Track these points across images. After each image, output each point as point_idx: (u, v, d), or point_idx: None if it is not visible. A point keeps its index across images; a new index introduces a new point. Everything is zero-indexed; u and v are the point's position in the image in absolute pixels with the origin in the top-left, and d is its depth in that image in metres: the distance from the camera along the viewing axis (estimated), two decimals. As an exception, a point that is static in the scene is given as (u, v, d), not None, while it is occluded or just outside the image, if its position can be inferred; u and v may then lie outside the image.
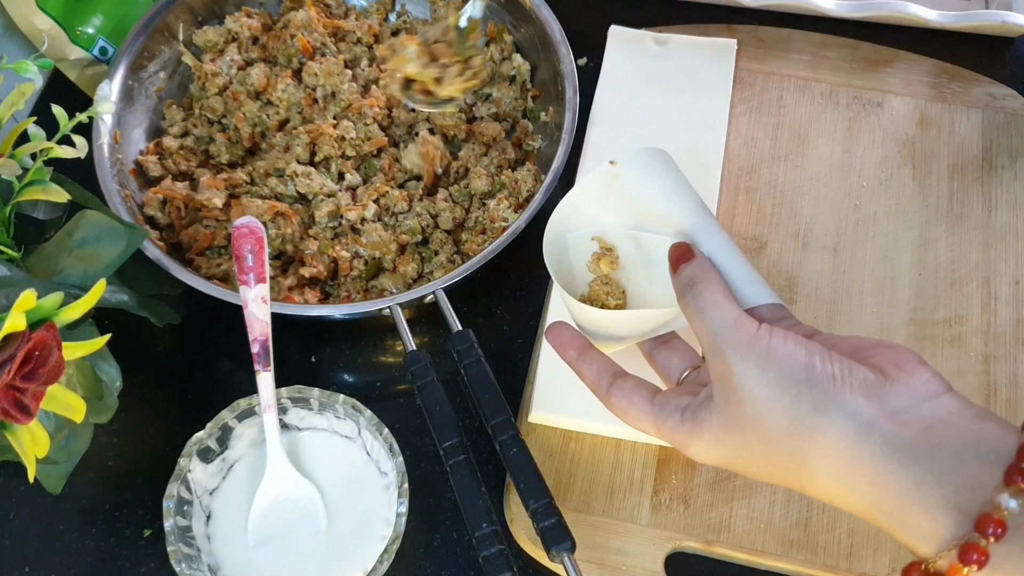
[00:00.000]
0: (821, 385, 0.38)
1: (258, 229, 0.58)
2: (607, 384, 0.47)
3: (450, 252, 0.67)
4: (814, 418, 0.38)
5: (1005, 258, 0.68)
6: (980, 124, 0.74)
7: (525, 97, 0.75)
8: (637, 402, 0.45)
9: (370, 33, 0.77)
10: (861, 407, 0.38)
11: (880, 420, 0.37)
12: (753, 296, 0.45)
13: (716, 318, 0.42)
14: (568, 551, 0.49)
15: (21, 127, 0.56)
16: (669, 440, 0.45)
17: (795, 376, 0.39)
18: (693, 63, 0.75)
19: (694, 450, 0.43)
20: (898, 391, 0.38)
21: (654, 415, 0.45)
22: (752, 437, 0.40)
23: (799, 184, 0.72)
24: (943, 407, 0.38)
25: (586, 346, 0.49)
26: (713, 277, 0.44)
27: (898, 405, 0.38)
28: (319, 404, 0.59)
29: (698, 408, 0.43)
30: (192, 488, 0.57)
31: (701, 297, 0.43)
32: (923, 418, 0.37)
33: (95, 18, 0.75)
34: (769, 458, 0.41)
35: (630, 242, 0.51)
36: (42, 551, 0.60)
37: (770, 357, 0.39)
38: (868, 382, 0.38)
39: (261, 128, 0.73)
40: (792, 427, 0.39)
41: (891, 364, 0.39)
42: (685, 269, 0.45)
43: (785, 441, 0.39)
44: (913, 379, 0.38)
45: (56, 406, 0.50)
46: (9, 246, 0.57)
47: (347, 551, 0.56)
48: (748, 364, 0.40)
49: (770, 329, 0.41)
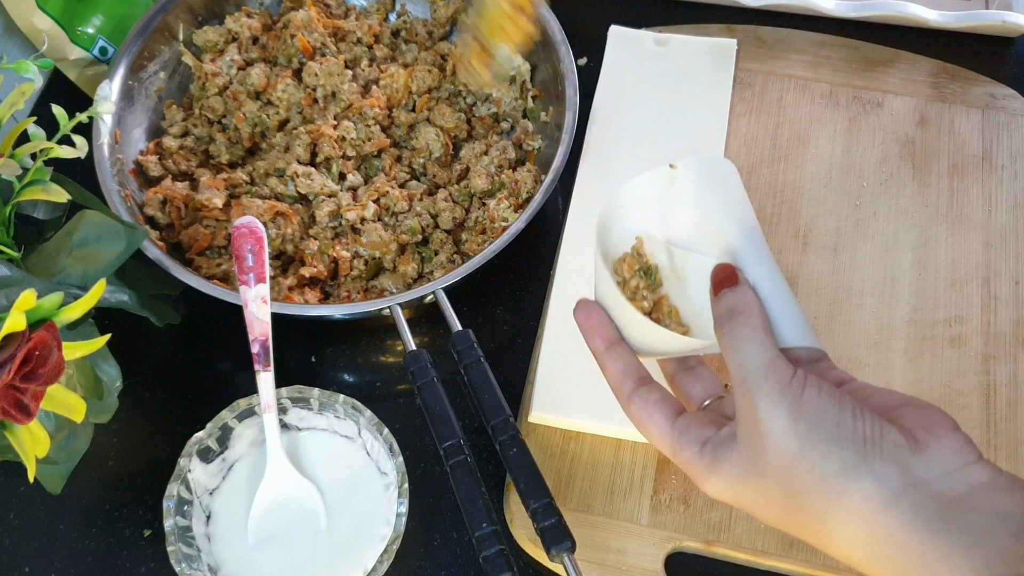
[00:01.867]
0: (851, 446, 0.37)
1: (258, 229, 0.58)
2: (630, 388, 0.45)
3: (450, 252, 0.67)
4: (842, 480, 0.37)
5: (1005, 258, 0.68)
6: (980, 124, 0.74)
7: (525, 97, 0.75)
8: (658, 419, 0.43)
9: (370, 33, 0.77)
10: (890, 474, 0.36)
11: (908, 489, 0.36)
12: (792, 336, 0.43)
13: (752, 355, 0.40)
14: (568, 551, 0.49)
15: (21, 127, 0.56)
16: (684, 469, 0.43)
17: (825, 432, 0.37)
18: (693, 63, 0.75)
19: (708, 486, 0.42)
20: (928, 458, 0.37)
21: (672, 439, 0.43)
22: (774, 487, 0.39)
23: (799, 184, 0.72)
24: (973, 477, 0.37)
25: (616, 339, 0.46)
26: (755, 310, 0.42)
27: (927, 474, 0.36)
28: (319, 404, 0.59)
29: (720, 444, 0.41)
30: (192, 488, 0.57)
31: (739, 330, 0.41)
32: (952, 488, 0.36)
33: (95, 18, 0.75)
34: (789, 512, 0.39)
35: (665, 253, 0.49)
36: (42, 551, 0.60)
37: (802, 408, 0.38)
38: (899, 446, 0.37)
39: (261, 128, 0.73)
40: (818, 486, 0.37)
41: (921, 427, 0.38)
42: (726, 295, 0.43)
43: (809, 498, 0.38)
44: (943, 446, 0.37)
45: (56, 406, 0.50)
46: (9, 246, 0.57)
47: (347, 551, 0.56)
48: (779, 412, 0.38)
49: (805, 377, 0.39)
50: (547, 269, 0.69)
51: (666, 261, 0.49)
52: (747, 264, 0.45)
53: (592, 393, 0.59)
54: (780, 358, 0.40)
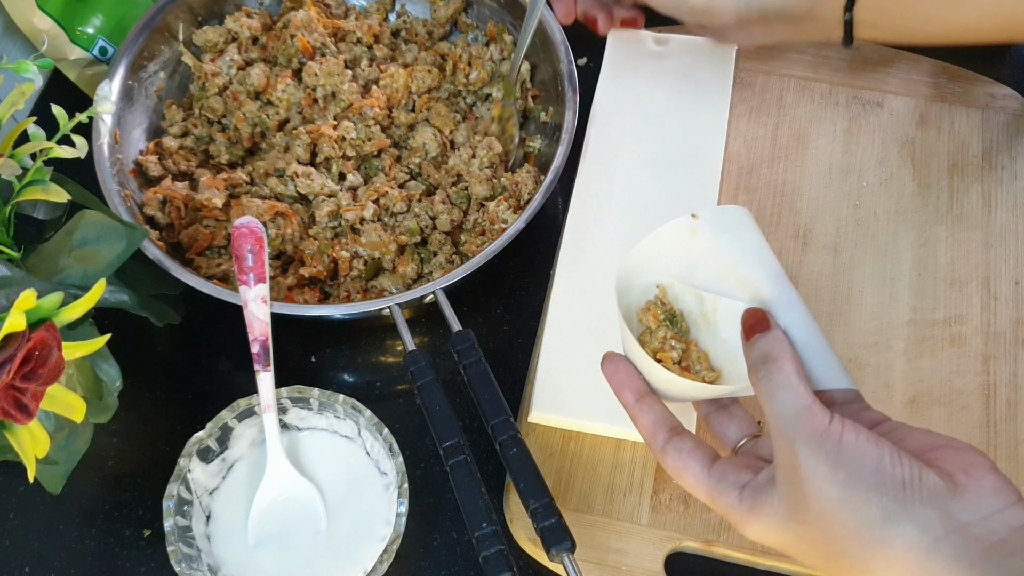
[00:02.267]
0: (891, 493, 0.37)
1: (258, 229, 0.58)
2: (663, 439, 0.45)
3: (449, 253, 0.67)
4: (883, 528, 0.37)
5: (1005, 258, 0.68)
6: (980, 124, 0.74)
7: (525, 97, 0.75)
8: (693, 467, 0.44)
9: (370, 33, 0.77)
10: (931, 519, 0.37)
11: (950, 535, 0.36)
12: (826, 379, 0.44)
13: (788, 403, 0.40)
14: (568, 551, 0.49)
15: (21, 127, 0.56)
16: (723, 515, 0.43)
17: (865, 479, 0.38)
18: (693, 63, 0.75)
19: (749, 531, 0.42)
20: (968, 501, 0.37)
21: (710, 486, 0.43)
22: (815, 533, 0.39)
23: (799, 184, 0.72)
24: (1014, 520, 0.37)
25: (645, 391, 0.47)
26: (788, 356, 0.42)
27: (967, 518, 0.37)
28: (319, 404, 0.59)
29: (759, 490, 0.42)
30: (192, 488, 0.57)
31: (774, 377, 0.41)
32: (994, 531, 0.36)
33: (95, 18, 0.75)
34: (830, 558, 0.40)
35: (694, 299, 0.49)
36: (42, 551, 0.60)
37: (841, 455, 0.38)
38: (938, 490, 0.37)
39: (261, 128, 0.73)
40: (859, 533, 0.38)
41: (960, 470, 0.38)
42: (759, 341, 0.43)
43: (850, 545, 0.38)
44: (982, 488, 0.37)
45: (56, 406, 0.50)
46: (9, 246, 0.57)
47: (347, 551, 0.56)
48: (818, 459, 0.39)
49: (842, 422, 0.39)
50: (547, 269, 0.69)
51: (694, 306, 0.49)
52: (777, 309, 0.45)
53: (592, 393, 0.59)
54: (816, 404, 0.40)
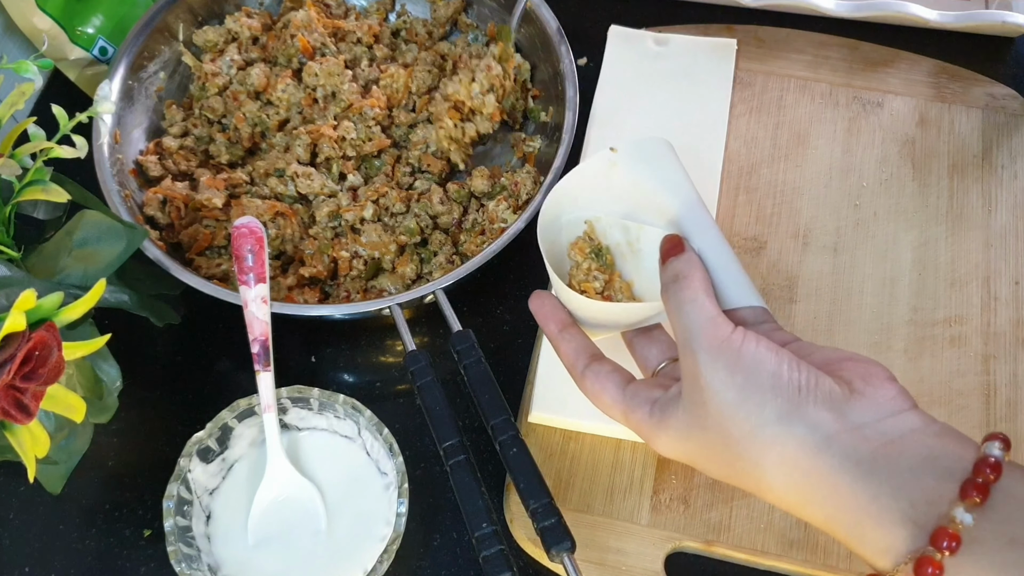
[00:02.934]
0: (786, 394, 0.39)
1: (258, 229, 0.58)
2: (583, 365, 0.47)
3: (449, 253, 0.67)
4: (776, 427, 0.38)
5: (1005, 258, 0.68)
6: (980, 124, 0.74)
7: (525, 97, 0.75)
8: (609, 388, 0.46)
9: (370, 33, 0.77)
10: (823, 420, 0.38)
11: (841, 434, 0.37)
12: (737, 297, 0.45)
13: (693, 316, 0.42)
14: (568, 551, 0.49)
15: (21, 127, 0.56)
16: (636, 431, 0.45)
17: (761, 383, 0.39)
18: (693, 63, 0.75)
19: (658, 444, 0.44)
20: (862, 405, 0.38)
21: (624, 404, 0.45)
22: (715, 439, 0.41)
23: (799, 184, 0.72)
24: (905, 423, 0.38)
25: (568, 323, 0.49)
26: (698, 274, 0.44)
27: (860, 419, 0.38)
28: (319, 404, 0.59)
29: (667, 403, 0.43)
30: (192, 488, 0.57)
31: (682, 293, 0.43)
32: (884, 433, 0.37)
33: (95, 18, 0.75)
34: (730, 462, 0.41)
35: (620, 230, 0.51)
36: (42, 551, 0.60)
37: (739, 361, 0.40)
38: (833, 394, 0.38)
39: (261, 128, 0.73)
40: (754, 434, 0.39)
41: (859, 377, 0.39)
42: (672, 263, 0.45)
43: (746, 447, 0.39)
44: (879, 394, 0.39)
45: (56, 406, 0.50)
46: (9, 246, 0.57)
47: (347, 551, 0.56)
48: (717, 366, 0.40)
49: (744, 332, 0.41)
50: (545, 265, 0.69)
51: (621, 237, 0.51)
52: (692, 234, 0.48)
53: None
54: (720, 316, 0.42)
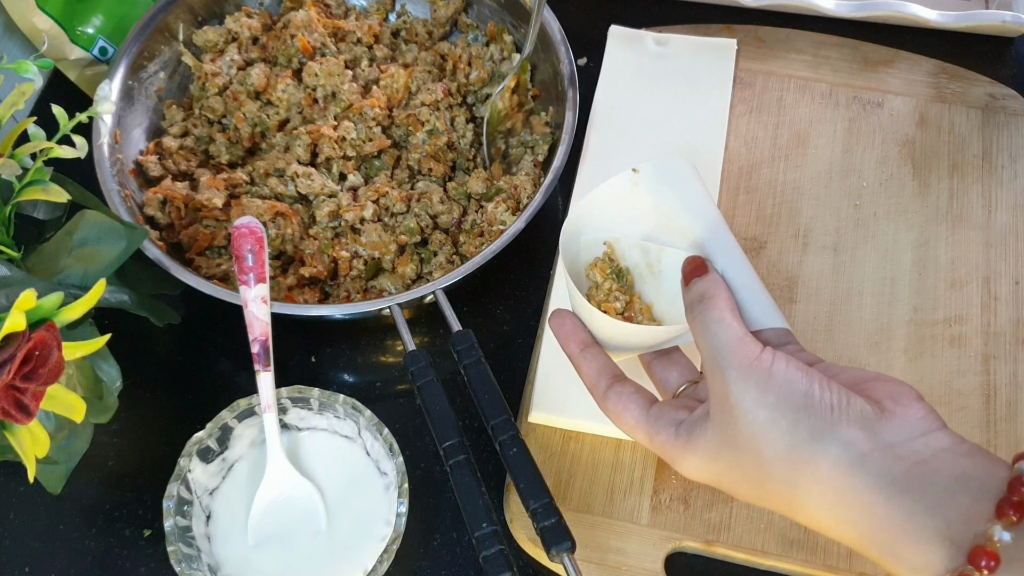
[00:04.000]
0: (819, 413, 0.39)
1: (258, 229, 0.58)
2: (605, 386, 0.47)
3: (449, 253, 0.67)
4: (809, 446, 0.38)
5: (1005, 258, 0.68)
6: (980, 124, 0.74)
7: (525, 97, 0.74)
8: (633, 409, 0.46)
9: (370, 33, 0.77)
10: (856, 438, 0.38)
11: (874, 452, 0.38)
12: (761, 318, 0.45)
13: (721, 336, 0.42)
14: (568, 551, 0.49)
15: (21, 127, 0.56)
16: (660, 453, 0.45)
17: (794, 402, 0.39)
18: (693, 63, 0.75)
19: (685, 466, 0.44)
20: (893, 424, 0.38)
21: (648, 425, 0.45)
22: (745, 459, 0.41)
23: (799, 184, 0.72)
24: (937, 443, 0.38)
25: (589, 342, 0.49)
26: (723, 295, 0.44)
27: (892, 439, 0.38)
28: (319, 404, 0.59)
29: (693, 424, 0.43)
30: (192, 488, 0.57)
31: (708, 313, 0.43)
32: (916, 452, 0.37)
33: (95, 18, 0.75)
34: (761, 482, 0.41)
35: (640, 252, 0.51)
36: (42, 551, 0.60)
37: (771, 381, 0.40)
38: (865, 414, 0.39)
39: (261, 128, 0.73)
40: (787, 453, 0.39)
41: (888, 398, 0.39)
42: (696, 284, 0.45)
43: (779, 466, 0.39)
44: (909, 414, 0.39)
45: (56, 406, 0.50)
46: (9, 246, 0.57)
47: (347, 551, 0.56)
48: (748, 385, 0.40)
49: (773, 352, 0.41)
50: (547, 269, 0.69)
51: (640, 259, 0.51)
52: (715, 255, 0.48)
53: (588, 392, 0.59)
54: (748, 336, 0.42)
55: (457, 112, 0.73)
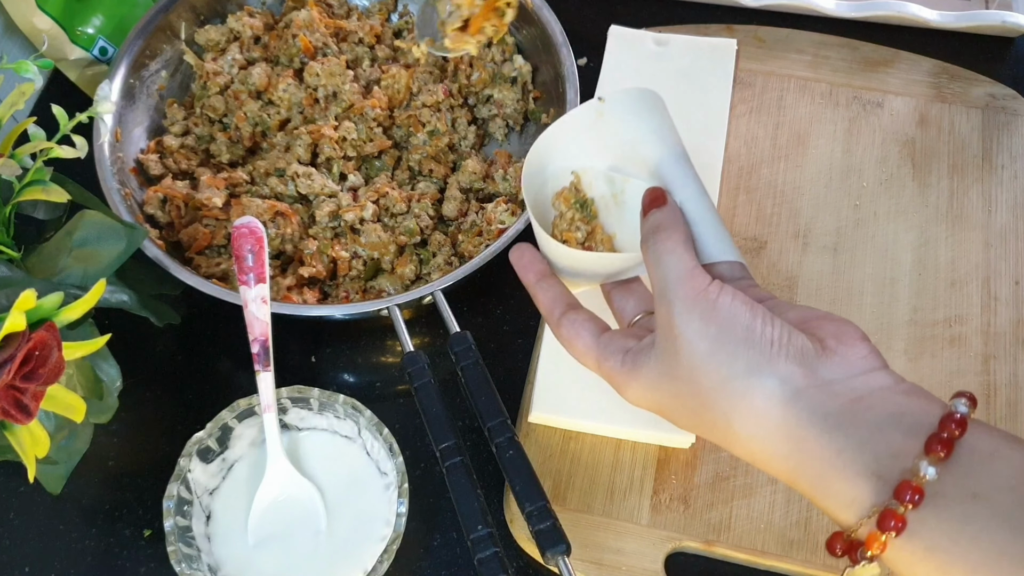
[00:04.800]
0: (758, 348, 0.39)
1: (258, 229, 0.58)
2: (559, 313, 0.47)
3: (448, 254, 0.67)
4: (746, 379, 0.39)
5: (1005, 258, 0.68)
6: (980, 124, 0.74)
7: (526, 99, 0.75)
8: (584, 336, 0.46)
9: (372, 34, 0.77)
10: (793, 374, 0.38)
11: (810, 388, 0.38)
12: (716, 252, 0.45)
13: (671, 267, 0.42)
14: (563, 554, 0.49)
15: (21, 127, 0.56)
16: (607, 379, 0.46)
17: (734, 335, 0.39)
18: (693, 63, 0.75)
19: (628, 393, 0.44)
20: (833, 362, 0.39)
21: (597, 352, 0.45)
22: (684, 388, 0.41)
23: (799, 184, 0.72)
24: (875, 381, 0.38)
25: (546, 273, 0.50)
26: (678, 227, 0.44)
27: (830, 376, 0.38)
28: (319, 404, 0.59)
29: (639, 352, 0.44)
30: (192, 488, 0.57)
31: (661, 244, 0.43)
32: (853, 389, 0.38)
33: (95, 18, 0.75)
34: (698, 412, 0.41)
35: (606, 182, 0.51)
36: (42, 551, 0.61)
37: (714, 313, 0.40)
38: (805, 350, 0.39)
39: (262, 128, 0.73)
40: (724, 385, 0.39)
41: (831, 336, 0.40)
42: (653, 215, 0.45)
43: (715, 397, 0.40)
44: (851, 352, 0.39)
45: (56, 406, 0.50)
46: (9, 246, 0.57)
47: (347, 551, 0.56)
48: (692, 316, 0.40)
49: (720, 286, 0.41)
50: (547, 269, 0.69)
51: (607, 189, 0.51)
52: (675, 186, 0.47)
53: (592, 393, 0.59)
54: (698, 269, 0.42)
55: (458, 113, 0.73)
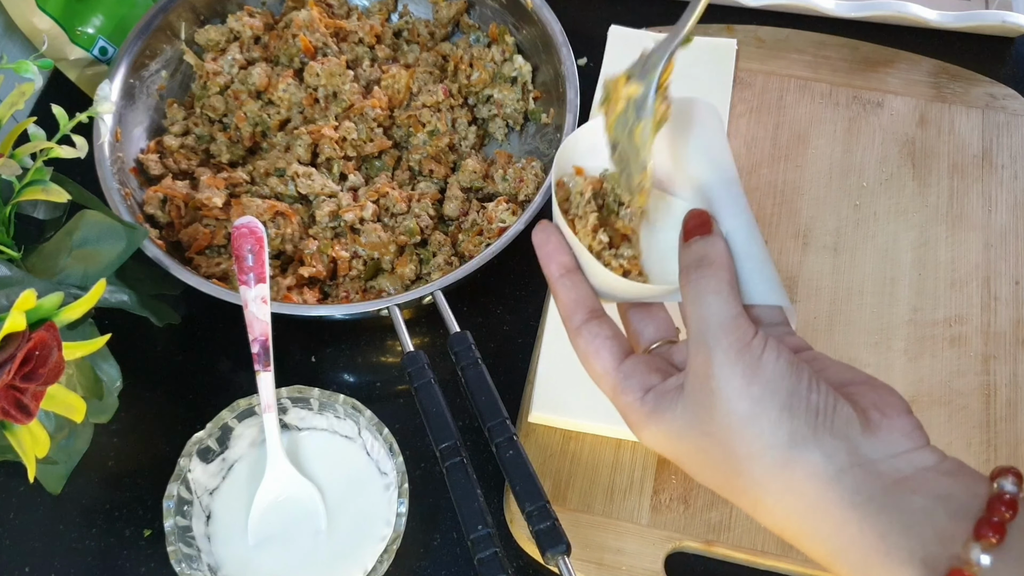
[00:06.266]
0: (803, 417, 0.36)
1: (258, 229, 0.58)
2: (581, 319, 0.43)
3: (448, 254, 0.67)
4: (788, 451, 0.36)
5: (1005, 258, 0.68)
6: (980, 124, 0.74)
7: (526, 99, 0.75)
8: (604, 356, 0.42)
9: (372, 34, 0.77)
10: (838, 450, 0.36)
11: (854, 467, 0.36)
12: (758, 294, 0.41)
13: (713, 311, 0.38)
14: (563, 554, 0.49)
15: (21, 127, 0.56)
16: (621, 413, 0.42)
17: (778, 399, 0.36)
18: (693, 63, 0.75)
19: (645, 434, 0.41)
20: (877, 438, 0.36)
21: (615, 380, 0.41)
22: (716, 448, 0.38)
23: (799, 184, 0.72)
24: (920, 460, 0.36)
25: (571, 267, 0.44)
26: (724, 262, 0.40)
27: (874, 454, 0.36)
28: (319, 404, 0.59)
29: (663, 394, 0.40)
30: (192, 488, 0.57)
31: (705, 282, 0.39)
32: (898, 470, 0.36)
33: (95, 18, 0.75)
34: (727, 475, 0.38)
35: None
36: (42, 551, 0.61)
37: (758, 371, 0.37)
38: (850, 423, 0.36)
39: (262, 128, 0.73)
40: (762, 454, 0.37)
41: (875, 407, 0.37)
42: (697, 244, 0.41)
43: (751, 465, 0.37)
44: (894, 427, 0.37)
45: (56, 406, 0.50)
46: (9, 246, 0.57)
47: (347, 551, 0.56)
48: (733, 372, 0.37)
49: (764, 339, 0.38)
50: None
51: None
52: (722, 214, 0.42)
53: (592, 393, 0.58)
54: (743, 316, 0.38)
55: (459, 114, 0.73)
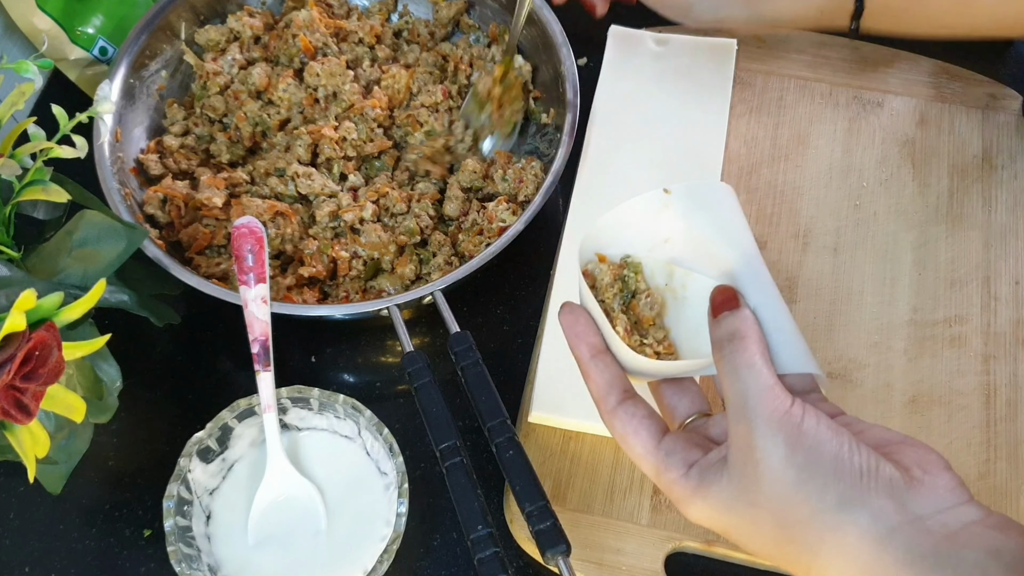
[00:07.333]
0: (848, 479, 0.37)
1: (258, 229, 0.58)
2: (615, 401, 0.44)
3: (448, 254, 0.67)
4: (837, 514, 0.37)
5: (1005, 258, 0.68)
6: (980, 124, 0.74)
7: (526, 99, 0.74)
8: (643, 436, 0.43)
9: (372, 34, 0.77)
10: (886, 509, 0.36)
11: (904, 526, 0.36)
12: (790, 362, 0.42)
13: (750, 382, 0.39)
14: (563, 554, 0.49)
15: (21, 127, 0.56)
16: (666, 491, 0.42)
17: (823, 465, 0.37)
18: (693, 63, 0.75)
19: (692, 510, 0.41)
20: (922, 494, 0.37)
21: (657, 460, 0.42)
22: (765, 517, 0.39)
23: (799, 184, 0.72)
24: (965, 515, 0.36)
25: (602, 349, 0.45)
26: (755, 335, 0.41)
27: (921, 511, 0.36)
28: (319, 404, 0.59)
29: (707, 469, 0.41)
30: (192, 488, 0.57)
31: (738, 356, 0.40)
32: (945, 525, 0.36)
33: (95, 18, 0.75)
34: (778, 543, 0.39)
35: (664, 274, 0.48)
36: (42, 551, 0.61)
37: (800, 439, 0.38)
38: (894, 482, 0.37)
39: (262, 128, 0.73)
40: (812, 519, 0.37)
41: (916, 465, 0.38)
42: (727, 319, 0.42)
43: (801, 530, 0.38)
44: (938, 484, 0.37)
45: (56, 406, 0.50)
46: (9, 246, 0.57)
47: (347, 551, 0.56)
48: (776, 441, 0.38)
49: (803, 406, 0.39)
50: (547, 269, 0.69)
51: (663, 282, 0.48)
52: (748, 289, 0.44)
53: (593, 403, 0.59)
54: (779, 386, 0.39)
55: (457, 115, 0.73)
